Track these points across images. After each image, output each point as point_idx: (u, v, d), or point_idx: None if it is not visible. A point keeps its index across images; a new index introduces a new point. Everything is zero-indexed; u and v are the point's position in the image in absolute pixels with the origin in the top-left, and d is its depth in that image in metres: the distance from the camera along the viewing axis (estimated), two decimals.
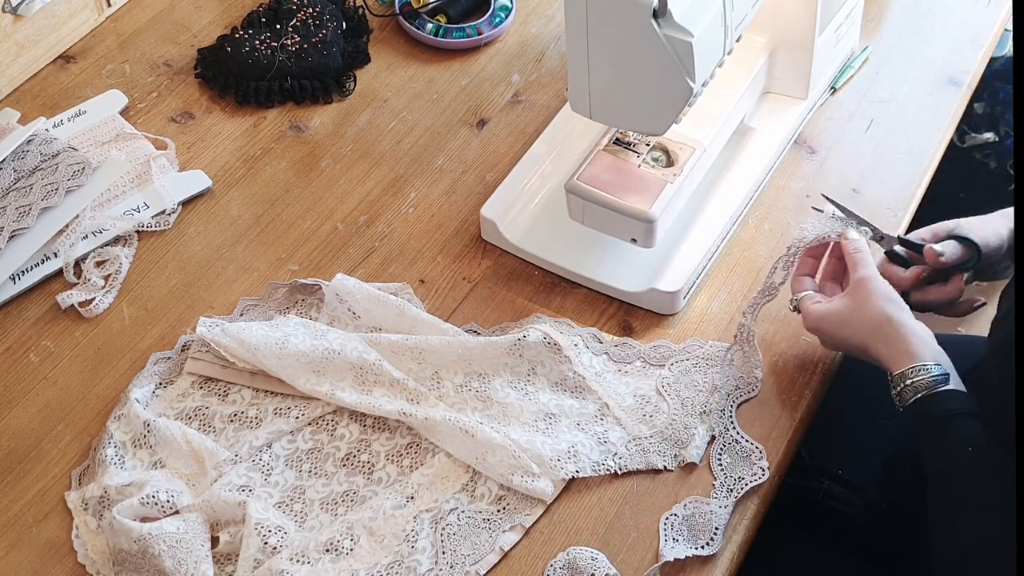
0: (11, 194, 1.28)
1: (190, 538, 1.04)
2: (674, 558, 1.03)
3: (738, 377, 1.16)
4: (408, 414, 1.11)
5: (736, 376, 1.16)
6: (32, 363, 1.21)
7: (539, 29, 1.54)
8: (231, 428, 1.14)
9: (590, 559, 1.03)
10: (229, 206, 1.35)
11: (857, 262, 1.11)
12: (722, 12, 1.09)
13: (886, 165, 1.36)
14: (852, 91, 1.44)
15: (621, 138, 1.25)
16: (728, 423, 1.13)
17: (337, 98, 1.46)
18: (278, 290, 1.25)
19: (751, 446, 1.11)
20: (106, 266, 1.28)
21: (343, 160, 1.39)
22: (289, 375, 1.14)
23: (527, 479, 1.08)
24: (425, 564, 1.04)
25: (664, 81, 1.08)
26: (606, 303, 1.24)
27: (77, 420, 1.16)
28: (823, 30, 1.33)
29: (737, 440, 1.12)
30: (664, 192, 1.20)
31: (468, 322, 1.22)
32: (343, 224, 1.32)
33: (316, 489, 1.10)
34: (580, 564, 1.03)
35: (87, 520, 1.08)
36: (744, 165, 1.32)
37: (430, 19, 1.51)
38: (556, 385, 1.16)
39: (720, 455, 1.11)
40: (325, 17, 1.48)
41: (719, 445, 1.12)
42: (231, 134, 1.42)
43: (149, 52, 1.50)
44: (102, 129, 1.40)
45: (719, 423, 1.13)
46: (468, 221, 1.32)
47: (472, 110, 1.44)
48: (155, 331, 1.23)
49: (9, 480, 1.12)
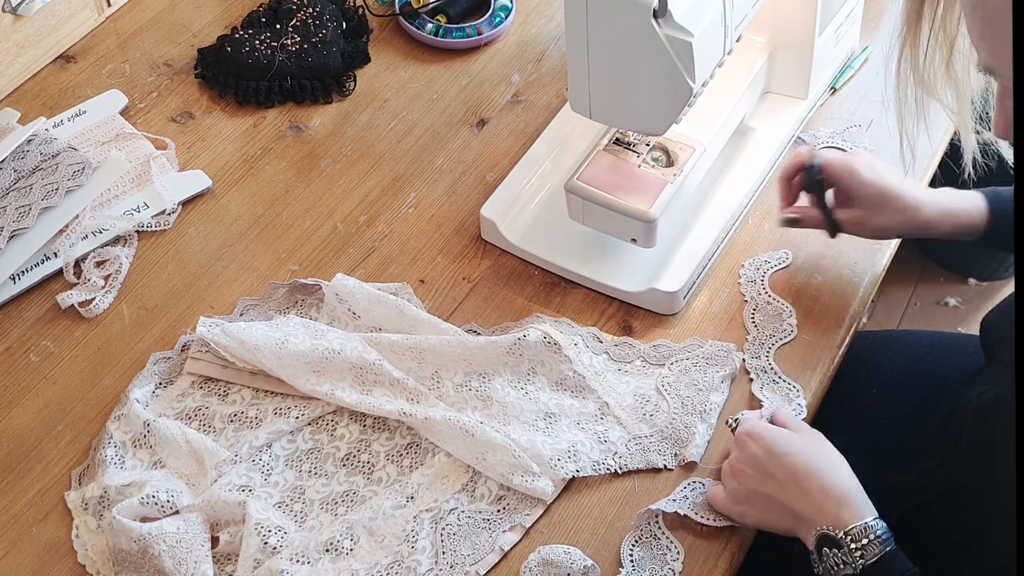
0: (11, 194, 1.28)
1: (190, 538, 1.04)
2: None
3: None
4: (408, 414, 1.11)
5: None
6: (32, 363, 1.21)
7: (539, 29, 1.54)
8: (231, 428, 1.14)
9: (563, 553, 1.03)
10: (229, 206, 1.35)
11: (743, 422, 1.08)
12: (722, 12, 1.09)
13: (886, 165, 1.36)
14: (852, 91, 1.44)
15: (621, 138, 1.25)
16: (767, 364, 1.16)
17: (337, 98, 1.46)
18: (278, 290, 1.25)
19: (788, 385, 1.14)
20: (106, 266, 1.28)
21: (343, 160, 1.39)
22: (289, 375, 1.14)
23: (527, 479, 1.08)
24: (425, 564, 1.04)
25: (664, 81, 1.08)
26: (606, 303, 1.24)
27: (77, 420, 1.16)
28: (823, 30, 1.33)
29: (776, 380, 1.15)
30: (664, 192, 1.20)
31: (468, 322, 1.22)
32: (343, 224, 1.32)
33: (316, 489, 1.10)
34: (554, 559, 1.03)
35: (87, 520, 1.08)
36: (744, 165, 1.32)
37: (430, 19, 1.51)
38: (556, 385, 1.16)
39: (762, 390, 1.14)
40: (325, 17, 1.48)
41: (759, 383, 1.15)
42: (231, 134, 1.42)
43: (149, 52, 1.50)
44: (102, 129, 1.40)
45: (757, 365, 1.17)
46: (468, 221, 1.32)
47: (472, 110, 1.44)
48: (155, 331, 1.23)
49: (9, 480, 1.12)
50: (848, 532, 0.97)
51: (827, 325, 1.21)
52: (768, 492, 1.02)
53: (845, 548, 0.96)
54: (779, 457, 1.02)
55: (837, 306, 1.23)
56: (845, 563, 0.96)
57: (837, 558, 0.97)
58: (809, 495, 1.00)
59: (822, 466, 1.01)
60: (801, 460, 1.01)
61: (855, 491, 1.00)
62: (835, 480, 1.00)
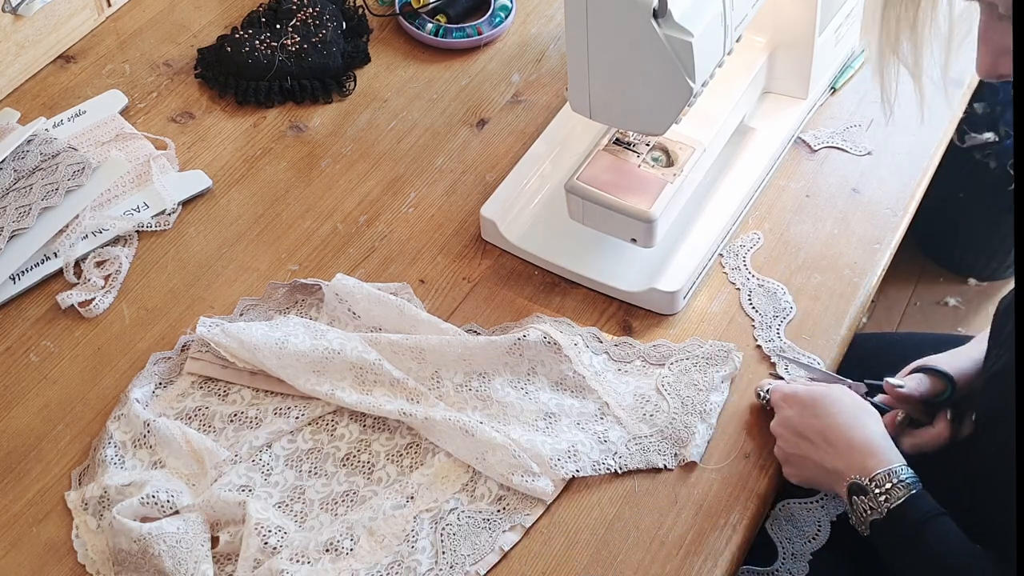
0: (11, 194, 1.28)
1: (190, 538, 1.04)
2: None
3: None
4: (408, 414, 1.11)
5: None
6: (32, 363, 1.21)
7: (539, 29, 1.54)
8: (231, 428, 1.14)
9: None
10: (229, 206, 1.35)
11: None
12: (722, 12, 1.09)
13: (886, 165, 1.36)
14: (852, 91, 1.44)
15: (621, 138, 1.25)
16: (783, 344, 1.18)
17: (337, 98, 1.46)
18: (278, 290, 1.25)
19: (808, 358, 1.17)
20: (106, 266, 1.28)
21: (343, 160, 1.39)
22: (289, 375, 1.14)
23: (527, 478, 1.08)
24: (425, 564, 1.04)
25: (664, 81, 1.08)
26: (606, 303, 1.24)
27: (77, 420, 1.16)
28: (823, 30, 1.33)
29: (796, 357, 1.17)
30: (664, 192, 1.20)
31: (468, 322, 1.22)
32: (343, 224, 1.32)
33: (316, 489, 1.10)
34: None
35: (87, 520, 1.08)
36: (744, 165, 1.32)
37: (430, 19, 1.51)
38: (556, 384, 1.16)
39: (786, 370, 1.16)
40: (325, 17, 1.48)
41: (782, 364, 1.17)
42: (231, 134, 1.42)
43: (149, 52, 1.50)
44: (102, 129, 1.40)
45: (773, 347, 1.18)
46: (468, 221, 1.32)
47: (472, 110, 1.44)
48: (155, 331, 1.23)
49: (9, 480, 1.12)
50: (873, 478, 1.00)
51: (827, 325, 1.21)
52: (802, 453, 1.06)
53: (871, 493, 0.99)
54: (809, 418, 1.06)
55: (837, 306, 1.23)
56: (872, 509, 0.99)
57: (865, 504, 1.00)
58: (838, 450, 1.03)
59: (847, 421, 1.04)
60: (828, 419, 1.05)
61: (881, 440, 1.03)
62: (860, 433, 1.03)
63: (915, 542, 0.99)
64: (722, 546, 1.06)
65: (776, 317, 1.21)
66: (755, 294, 1.23)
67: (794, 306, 1.22)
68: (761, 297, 1.23)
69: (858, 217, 1.31)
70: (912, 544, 0.99)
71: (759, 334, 1.20)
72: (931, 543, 0.98)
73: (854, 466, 1.02)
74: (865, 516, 1.00)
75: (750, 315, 1.22)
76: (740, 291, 1.24)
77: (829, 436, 1.04)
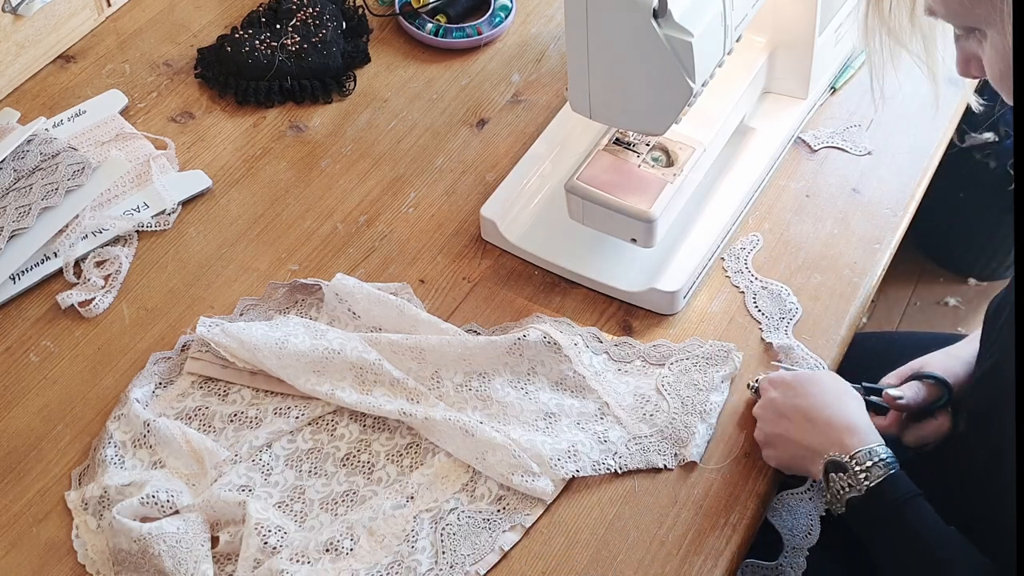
0: (11, 194, 1.28)
1: (190, 538, 1.04)
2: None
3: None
4: (408, 414, 1.11)
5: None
6: (32, 363, 1.21)
7: (539, 29, 1.54)
8: (231, 428, 1.14)
9: None
10: (229, 206, 1.35)
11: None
12: (722, 12, 1.09)
13: (886, 165, 1.36)
14: (852, 91, 1.44)
15: (621, 138, 1.25)
16: (792, 343, 1.18)
17: (337, 98, 1.46)
18: (278, 290, 1.25)
19: (815, 360, 1.17)
20: (106, 266, 1.28)
21: (343, 160, 1.39)
22: (289, 375, 1.14)
23: (527, 478, 1.08)
24: (425, 564, 1.04)
25: (664, 81, 1.08)
26: (606, 303, 1.24)
27: (77, 420, 1.16)
28: (823, 30, 1.33)
29: (804, 356, 1.17)
30: (664, 192, 1.20)
31: (468, 322, 1.22)
32: (343, 224, 1.32)
33: (316, 489, 1.10)
34: None
35: (87, 520, 1.08)
36: (744, 165, 1.32)
37: (430, 19, 1.51)
38: (556, 384, 1.16)
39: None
40: (325, 17, 1.48)
41: (788, 363, 1.17)
42: (231, 134, 1.42)
43: (149, 52, 1.50)
44: (102, 129, 1.40)
45: (782, 340, 1.19)
46: (468, 221, 1.32)
47: (472, 110, 1.44)
48: (155, 331, 1.23)
49: (9, 480, 1.12)
50: (853, 456, 1.00)
51: (827, 325, 1.21)
52: (782, 432, 1.06)
53: (851, 471, 1.00)
54: (792, 398, 1.07)
55: (837, 306, 1.23)
56: (851, 486, 1.00)
57: (843, 481, 1.00)
58: (817, 428, 1.04)
59: (828, 401, 1.05)
60: (810, 399, 1.06)
61: (861, 420, 1.03)
62: (841, 412, 1.04)
63: (892, 521, 0.99)
64: (722, 546, 1.06)
65: (783, 319, 1.21)
66: (760, 296, 1.23)
67: (799, 307, 1.22)
68: (766, 299, 1.23)
69: (858, 217, 1.31)
70: (889, 523, 0.99)
71: (767, 335, 1.20)
72: (908, 522, 0.98)
73: (833, 443, 1.02)
74: (842, 494, 1.00)
75: (756, 318, 1.21)
76: (744, 294, 1.23)
77: (810, 414, 1.05)
